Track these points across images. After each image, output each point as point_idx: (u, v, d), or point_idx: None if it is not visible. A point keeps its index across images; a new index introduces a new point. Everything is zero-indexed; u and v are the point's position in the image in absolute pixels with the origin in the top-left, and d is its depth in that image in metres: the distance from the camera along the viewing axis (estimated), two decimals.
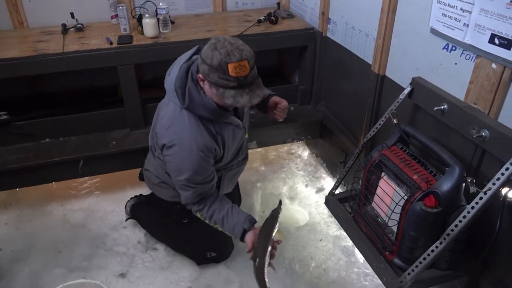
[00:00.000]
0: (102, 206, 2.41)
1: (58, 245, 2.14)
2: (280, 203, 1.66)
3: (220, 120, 1.62)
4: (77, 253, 2.10)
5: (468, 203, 1.26)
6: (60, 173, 2.27)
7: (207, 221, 1.72)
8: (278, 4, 2.70)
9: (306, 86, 2.61)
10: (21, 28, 2.43)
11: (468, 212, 1.23)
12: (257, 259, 1.45)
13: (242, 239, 1.64)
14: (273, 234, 1.52)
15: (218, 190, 1.88)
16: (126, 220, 2.23)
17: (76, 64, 2.11)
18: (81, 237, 2.19)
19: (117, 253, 2.10)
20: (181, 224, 1.97)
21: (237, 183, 2.25)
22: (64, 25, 2.35)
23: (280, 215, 1.60)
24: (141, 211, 2.17)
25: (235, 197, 2.25)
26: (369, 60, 1.95)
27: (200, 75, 1.47)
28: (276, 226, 1.54)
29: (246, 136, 1.82)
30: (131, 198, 2.24)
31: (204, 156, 1.58)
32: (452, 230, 1.26)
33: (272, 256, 1.49)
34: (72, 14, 2.36)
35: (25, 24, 2.44)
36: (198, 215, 1.73)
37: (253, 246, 1.53)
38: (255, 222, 1.66)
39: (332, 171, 2.65)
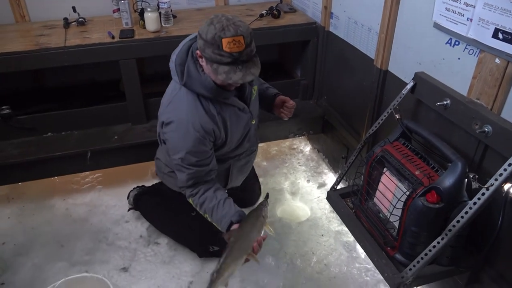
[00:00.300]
0: (104, 201, 2.42)
1: (60, 239, 2.15)
2: (267, 196, 1.64)
3: (220, 100, 1.58)
4: (80, 247, 2.11)
5: (470, 199, 1.25)
6: (63, 167, 2.27)
7: (198, 209, 1.69)
8: None
9: (308, 81, 2.60)
10: (23, 22, 2.43)
11: (470, 208, 1.23)
12: (228, 249, 1.43)
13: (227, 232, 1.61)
14: (259, 228, 1.50)
15: (226, 182, 1.88)
16: (128, 210, 2.24)
17: (78, 58, 2.11)
18: (83, 231, 2.20)
19: (119, 247, 2.11)
20: (186, 215, 1.97)
21: (256, 176, 2.27)
22: (66, 19, 2.35)
23: (268, 208, 1.58)
24: (144, 201, 2.17)
25: (256, 189, 2.27)
26: (372, 55, 1.94)
27: (198, 51, 1.46)
28: (261, 219, 1.52)
29: (254, 122, 1.76)
30: (134, 188, 2.25)
31: (200, 137, 1.55)
32: (454, 226, 1.26)
33: (255, 250, 1.46)
34: (74, 8, 2.36)
35: (27, 18, 2.44)
36: (190, 201, 1.70)
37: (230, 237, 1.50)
38: None
39: (334, 167, 2.65)
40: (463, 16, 1.35)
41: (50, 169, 2.26)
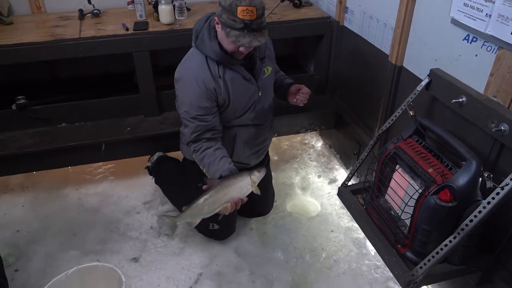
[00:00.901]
0: (116, 191, 2.44)
1: (73, 228, 2.19)
2: (267, 162, 1.68)
3: (226, 65, 1.73)
4: (92, 237, 2.14)
5: (484, 198, 1.24)
6: (76, 157, 2.30)
7: (199, 164, 1.79)
8: None
9: (321, 76, 2.58)
10: (39, 13, 2.45)
11: (484, 207, 1.21)
12: (205, 193, 1.56)
13: None
14: (241, 188, 1.56)
15: (232, 150, 1.93)
16: (145, 167, 2.35)
17: (93, 49, 2.12)
18: (95, 221, 2.23)
19: (130, 238, 2.13)
20: (196, 187, 2.00)
21: (271, 182, 2.27)
22: (81, 10, 2.36)
23: (260, 174, 1.61)
24: (165, 165, 2.28)
25: (270, 196, 2.26)
26: (387, 51, 1.92)
27: (216, 18, 1.62)
28: (247, 180, 1.57)
29: (260, 94, 1.85)
30: (160, 152, 2.36)
31: (202, 93, 1.70)
32: (466, 225, 1.25)
33: (230, 207, 1.55)
34: (89, 0, 2.37)
35: (43, 9, 2.46)
36: (194, 156, 1.80)
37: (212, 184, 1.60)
38: None
39: (345, 163, 2.64)
40: (481, 12, 1.32)
41: (63, 159, 2.29)
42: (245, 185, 1.58)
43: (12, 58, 2.05)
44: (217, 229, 2.01)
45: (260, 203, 2.22)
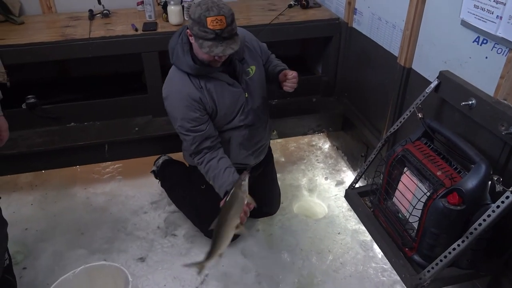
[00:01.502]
0: (124, 191, 2.46)
1: (80, 227, 2.20)
2: (248, 169, 1.62)
3: (204, 75, 1.74)
4: (99, 236, 2.15)
5: (494, 202, 1.22)
6: (84, 157, 2.32)
7: (205, 176, 1.82)
8: None
9: (329, 78, 2.58)
10: (49, 13, 2.48)
11: (493, 211, 1.20)
12: (220, 216, 1.49)
13: None
14: (240, 204, 1.50)
15: (228, 154, 1.90)
16: (151, 171, 2.37)
17: (102, 50, 2.14)
18: (102, 220, 2.25)
19: (137, 238, 2.14)
20: (198, 189, 2.03)
21: (276, 181, 2.27)
22: (91, 11, 2.39)
23: (246, 182, 1.51)
24: (169, 169, 2.30)
25: (276, 195, 2.27)
26: (395, 52, 1.91)
27: (188, 31, 1.64)
28: (241, 196, 1.50)
29: (246, 95, 1.84)
30: (165, 155, 2.38)
31: (189, 104, 1.73)
32: (475, 228, 1.23)
33: (241, 219, 1.51)
34: (99, 0, 2.39)
35: (53, 9, 2.49)
36: (199, 169, 1.83)
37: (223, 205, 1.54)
38: None
39: (353, 165, 2.63)
40: (492, 13, 1.31)
41: (72, 158, 2.31)
42: (242, 201, 1.50)
43: (23, 57, 2.07)
44: None
45: (266, 203, 2.22)
